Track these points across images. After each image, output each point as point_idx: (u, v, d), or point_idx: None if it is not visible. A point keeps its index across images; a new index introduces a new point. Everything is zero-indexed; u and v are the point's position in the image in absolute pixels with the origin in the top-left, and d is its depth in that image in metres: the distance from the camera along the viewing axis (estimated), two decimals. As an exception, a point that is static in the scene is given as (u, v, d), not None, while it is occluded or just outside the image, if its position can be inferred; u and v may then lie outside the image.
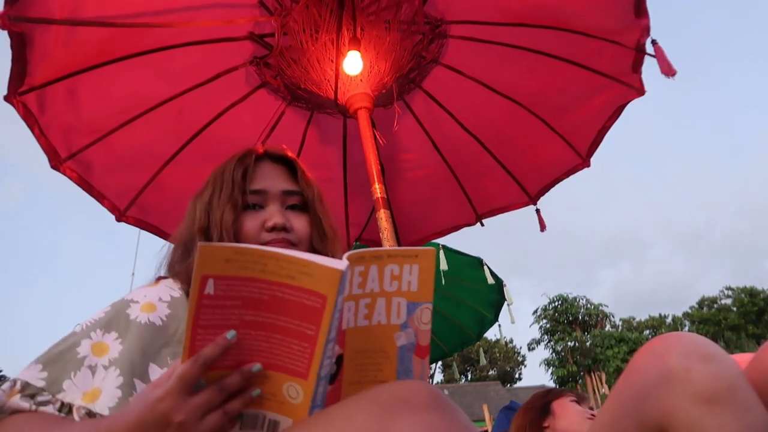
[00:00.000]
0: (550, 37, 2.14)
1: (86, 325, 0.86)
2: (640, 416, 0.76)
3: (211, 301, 0.62)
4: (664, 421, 0.73)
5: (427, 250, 0.75)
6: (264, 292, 0.63)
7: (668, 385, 0.73)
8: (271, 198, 0.99)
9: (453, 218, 2.92)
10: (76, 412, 0.76)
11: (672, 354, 0.75)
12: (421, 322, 0.78)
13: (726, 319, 32.08)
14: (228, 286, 0.62)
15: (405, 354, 0.78)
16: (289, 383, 0.66)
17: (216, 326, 0.64)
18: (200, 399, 0.63)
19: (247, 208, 0.98)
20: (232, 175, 0.98)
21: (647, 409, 0.75)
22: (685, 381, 0.72)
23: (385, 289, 0.74)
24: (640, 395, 0.77)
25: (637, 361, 0.80)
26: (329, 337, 0.63)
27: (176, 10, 2.00)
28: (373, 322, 0.76)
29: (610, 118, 2.37)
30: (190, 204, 1.03)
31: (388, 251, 0.73)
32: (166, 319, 0.89)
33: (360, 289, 0.73)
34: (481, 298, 4.59)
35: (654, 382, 0.75)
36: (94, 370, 0.80)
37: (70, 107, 2.05)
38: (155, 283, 0.97)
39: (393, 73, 2.19)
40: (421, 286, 0.76)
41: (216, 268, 0.61)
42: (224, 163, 1.02)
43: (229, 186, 0.97)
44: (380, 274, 0.73)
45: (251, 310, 0.64)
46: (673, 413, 0.72)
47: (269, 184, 1.00)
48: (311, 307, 0.62)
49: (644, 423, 0.76)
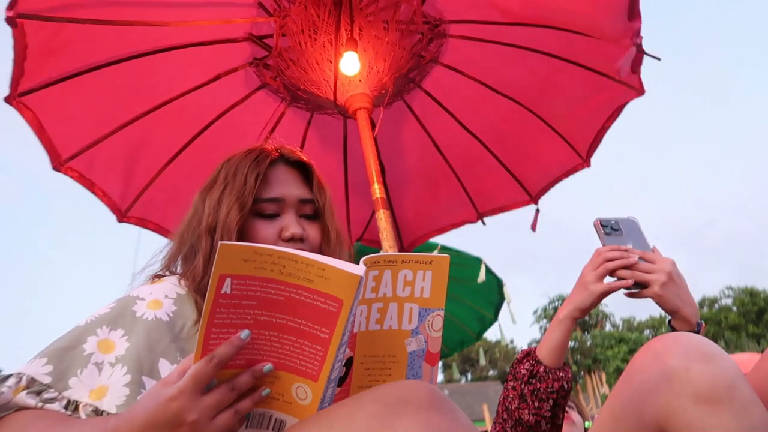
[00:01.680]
0: (549, 36, 2.14)
1: (91, 320, 0.85)
2: (640, 415, 0.77)
3: (227, 300, 0.63)
4: (664, 420, 0.73)
5: (441, 257, 0.75)
6: (280, 293, 0.63)
7: (668, 384, 0.73)
8: (288, 206, 0.98)
9: (454, 216, 2.92)
10: (82, 409, 0.76)
11: (672, 354, 0.75)
12: (432, 329, 0.78)
13: (726, 319, 32.09)
14: (245, 286, 0.62)
15: (415, 360, 0.78)
16: (298, 384, 0.67)
17: (230, 325, 0.64)
18: (212, 398, 0.63)
19: (263, 216, 0.96)
20: (245, 176, 0.95)
21: (647, 408, 0.75)
22: (684, 380, 0.72)
23: (398, 294, 0.75)
24: (640, 395, 0.77)
25: (637, 360, 0.80)
26: (342, 341, 0.63)
27: (176, 6, 2.00)
28: (384, 326, 0.76)
29: (610, 118, 2.37)
30: (197, 198, 1.00)
31: (403, 256, 0.73)
32: (173, 315, 0.88)
33: (373, 294, 0.73)
34: (481, 298, 4.59)
35: (654, 382, 0.75)
36: (100, 368, 0.79)
37: (71, 108, 2.05)
38: (158, 280, 0.96)
39: (392, 73, 2.19)
40: (434, 292, 0.76)
41: (234, 267, 0.61)
42: (237, 160, 0.99)
43: (241, 187, 0.94)
44: (394, 279, 0.74)
45: (266, 310, 0.64)
46: (672, 412, 0.72)
47: (286, 192, 0.98)
48: (327, 310, 0.62)
49: (644, 422, 0.76)
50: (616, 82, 2.19)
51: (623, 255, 1.03)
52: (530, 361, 1.08)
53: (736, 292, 33.85)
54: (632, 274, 1.01)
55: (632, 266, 1.02)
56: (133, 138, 2.24)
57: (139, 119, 2.21)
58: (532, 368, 1.06)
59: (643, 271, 1.01)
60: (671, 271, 1.00)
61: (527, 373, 1.06)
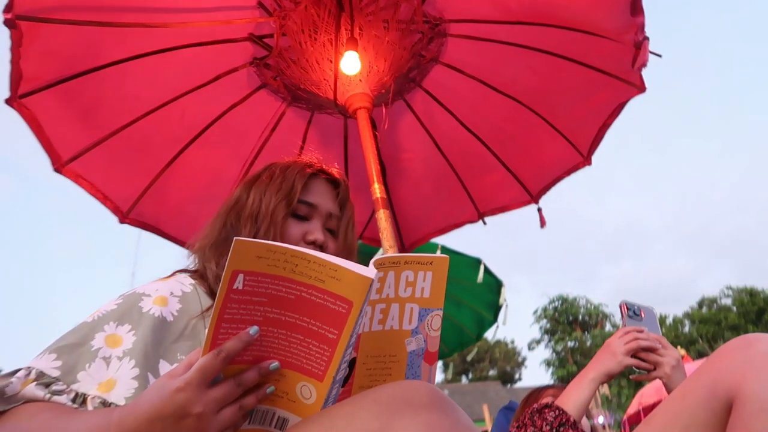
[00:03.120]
0: (549, 34, 2.14)
1: (98, 316, 0.85)
2: (713, 387, 0.83)
3: (239, 296, 0.63)
4: (735, 390, 0.79)
5: (441, 257, 0.76)
6: (291, 291, 0.63)
7: (750, 364, 0.80)
8: (318, 214, 1.06)
9: (455, 216, 2.92)
10: (90, 402, 0.76)
11: (761, 343, 0.82)
12: (431, 329, 0.79)
13: (726, 319, 32.06)
14: (257, 283, 0.63)
15: (414, 359, 0.79)
16: (303, 383, 0.67)
17: (240, 321, 0.64)
18: (218, 392, 0.64)
19: (295, 216, 1.04)
20: (293, 178, 1.04)
21: (723, 380, 0.82)
22: (766, 362, 0.79)
23: (399, 294, 0.76)
24: (720, 370, 0.83)
25: (725, 346, 0.88)
26: (350, 343, 0.64)
27: (176, 10, 2.00)
28: (386, 327, 0.77)
29: (611, 116, 2.37)
30: (240, 189, 1.08)
31: (405, 257, 0.74)
32: (177, 314, 0.90)
33: (377, 295, 0.74)
34: (480, 299, 4.60)
35: (737, 360, 0.82)
36: (108, 362, 0.80)
37: (71, 110, 2.05)
38: (167, 277, 0.98)
39: (392, 73, 2.19)
40: (434, 293, 0.77)
41: (247, 263, 0.62)
42: (285, 164, 1.08)
43: (288, 186, 1.03)
44: (396, 279, 0.75)
45: (276, 308, 0.64)
46: (746, 384, 0.78)
47: (320, 201, 1.07)
48: (336, 311, 0.62)
49: (716, 392, 0.82)
50: (617, 80, 2.18)
51: (650, 338, 1.23)
52: (554, 411, 1.17)
53: (736, 292, 33.82)
54: (648, 356, 1.22)
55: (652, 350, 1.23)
56: (134, 139, 2.23)
57: (140, 120, 2.21)
58: (560, 416, 1.15)
59: (658, 356, 1.22)
60: (678, 358, 1.22)
61: (555, 421, 1.14)
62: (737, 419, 0.77)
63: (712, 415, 0.82)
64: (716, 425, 0.81)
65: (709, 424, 0.82)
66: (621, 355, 1.20)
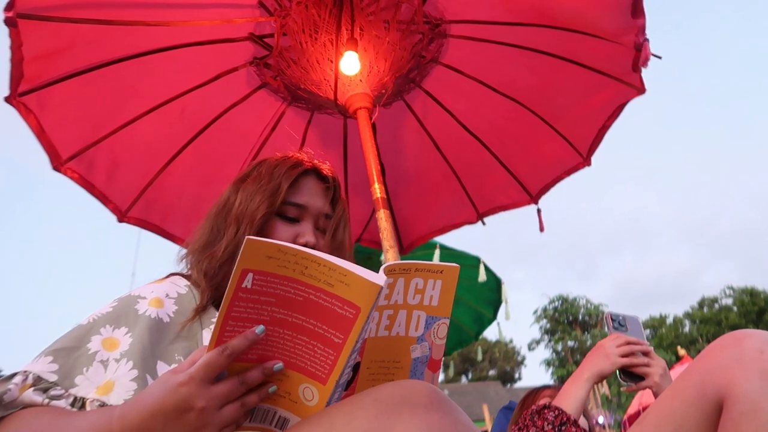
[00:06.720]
0: (550, 36, 2.14)
1: (93, 319, 0.85)
2: (702, 387, 0.82)
3: (247, 295, 0.63)
4: (725, 390, 0.78)
5: (451, 266, 0.76)
6: (299, 293, 0.63)
7: (739, 362, 0.79)
8: (309, 215, 1.03)
9: (454, 216, 2.92)
10: (89, 405, 0.76)
11: (751, 339, 0.82)
12: (437, 337, 0.79)
13: (726, 319, 32.04)
14: (266, 283, 0.63)
15: (418, 366, 0.79)
16: (306, 385, 0.67)
17: (246, 320, 0.64)
18: (222, 388, 0.64)
19: (284, 218, 1.01)
20: (280, 177, 1.01)
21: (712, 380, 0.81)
22: (756, 359, 0.78)
23: (408, 301, 0.76)
24: (709, 369, 0.83)
25: (715, 343, 0.87)
26: (355, 348, 0.64)
27: (177, 8, 2.00)
28: (392, 333, 0.77)
29: (611, 117, 2.37)
30: (230, 188, 1.05)
31: (416, 265, 0.74)
32: (173, 315, 0.89)
33: (386, 301, 0.74)
34: (479, 297, 4.60)
35: (726, 359, 0.81)
36: (106, 365, 0.80)
37: (71, 108, 2.05)
38: (162, 279, 0.97)
39: (393, 73, 2.19)
40: (442, 301, 0.77)
41: (257, 263, 0.62)
42: (275, 162, 1.05)
43: (274, 186, 1.00)
44: (406, 287, 0.75)
45: (283, 308, 0.65)
46: (736, 383, 0.77)
47: (311, 202, 1.04)
48: (343, 316, 0.62)
49: (705, 392, 0.82)
50: (617, 81, 2.18)
51: (640, 342, 1.27)
52: (554, 411, 1.18)
53: (736, 293, 33.80)
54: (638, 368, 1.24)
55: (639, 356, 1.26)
56: (134, 138, 2.23)
57: (140, 119, 2.21)
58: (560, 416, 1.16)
59: (644, 365, 1.25)
60: (665, 366, 1.25)
61: (556, 420, 1.16)
62: (728, 420, 0.77)
63: (702, 416, 0.81)
64: (707, 426, 0.81)
65: (701, 425, 0.81)
66: (615, 357, 1.24)
